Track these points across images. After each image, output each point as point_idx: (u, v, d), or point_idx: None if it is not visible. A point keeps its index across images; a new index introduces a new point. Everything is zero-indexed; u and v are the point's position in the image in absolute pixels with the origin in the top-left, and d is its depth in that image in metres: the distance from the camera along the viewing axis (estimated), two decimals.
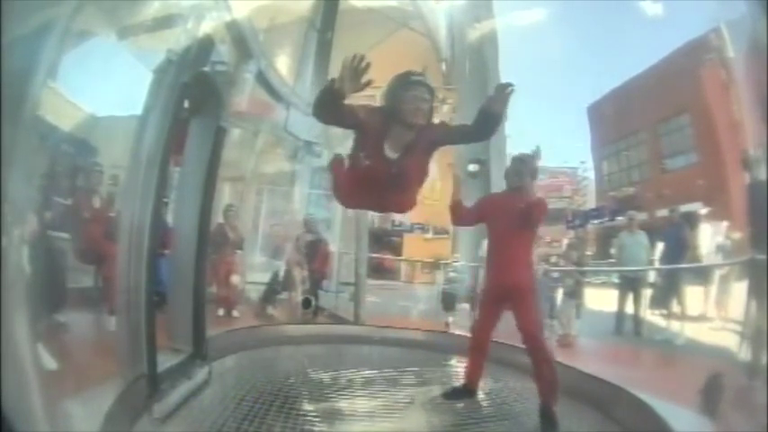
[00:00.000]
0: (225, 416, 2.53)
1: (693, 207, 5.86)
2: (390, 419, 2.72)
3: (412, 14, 7.64)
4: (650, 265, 5.34)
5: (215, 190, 3.42)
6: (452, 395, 3.04)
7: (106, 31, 2.86)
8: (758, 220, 2.89)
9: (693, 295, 5.11)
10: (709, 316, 4.93)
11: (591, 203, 9.10)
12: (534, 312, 2.84)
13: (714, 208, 5.58)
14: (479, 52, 7.04)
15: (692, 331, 4.71)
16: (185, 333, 3.14)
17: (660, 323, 5.06)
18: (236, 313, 5.02)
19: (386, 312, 6.09)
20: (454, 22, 7.73)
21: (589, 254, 6.70)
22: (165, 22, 3.08)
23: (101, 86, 3.04)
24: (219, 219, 5.05)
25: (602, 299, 5.43)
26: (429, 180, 2.28)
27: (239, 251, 5.49)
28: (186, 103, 2.96)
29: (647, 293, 5.24)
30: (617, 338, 5.05)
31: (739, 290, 3.83)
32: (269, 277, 5.66)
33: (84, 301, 3.35)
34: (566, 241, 6.73)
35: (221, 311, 4.91)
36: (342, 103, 1.81)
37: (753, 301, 2.86)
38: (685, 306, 5.04)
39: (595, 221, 8.26)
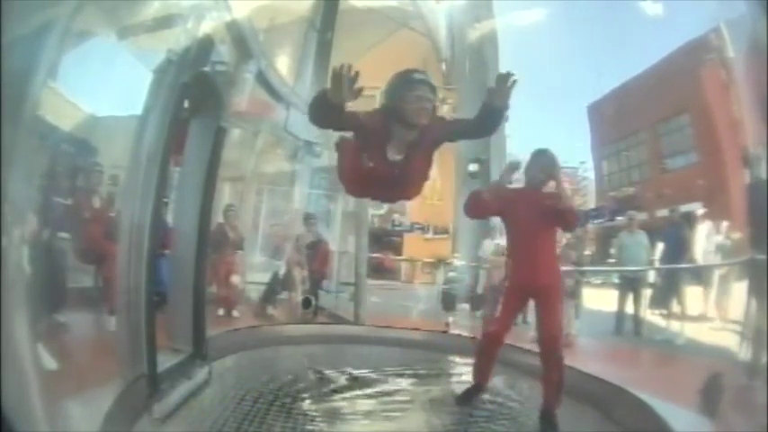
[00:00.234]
0: (225, 416, 2.53)
1: (693, 207, 5.86)
2: (390, 419, 2.72)
3: (412, 14, 7.64)
4: (650, 265, 5.34)
5: (215, 190, 3.42)
6: (465, 397, 2.93)
7: (106, 31, 2.86)
8: (758, 219, 2.89)
9: (693, 295, 5.11)
10: (709, 316, 4.94)
11: (591, 203, 9.11)
12: (558, 314, 2.74)
13: (714, 208, 5.58)
14: (479, 52, 7.04)
15: (692, 331, 4.72)
16: (185, 333, 3.14)
17: (660, 323, 5.06)
18: (236, 313, 5.02)
19: (386, 312, 6.08)
20: (454, 22, 7.73)
21: (589, 254, 6.70)
22: (165, 22, 3.08)
23: (101, 86, 3.04)
24: (219, 219, 5.06)
25: (601, 299, 5.44)
26: (429, 180, 2.24)
27: (239, 251, 5.49)
28: (186, 103, 2.95)
29: (646, 293, 5.25)
30: (617, 338, 5.05)
31: (739, 290, 3.83)
32: (269, 277, 5.66)
33: (84, 301, 3.35)
34: (564, 241, 6.73)
35: (221, 311, 4.92)
36: (340, 112, 1.78)
37: (753, 301, 2.86)
38: (685, 306, 5.04)
39: (595, 221, 8.26)
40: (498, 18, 7.16)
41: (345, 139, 2.34)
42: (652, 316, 5.17)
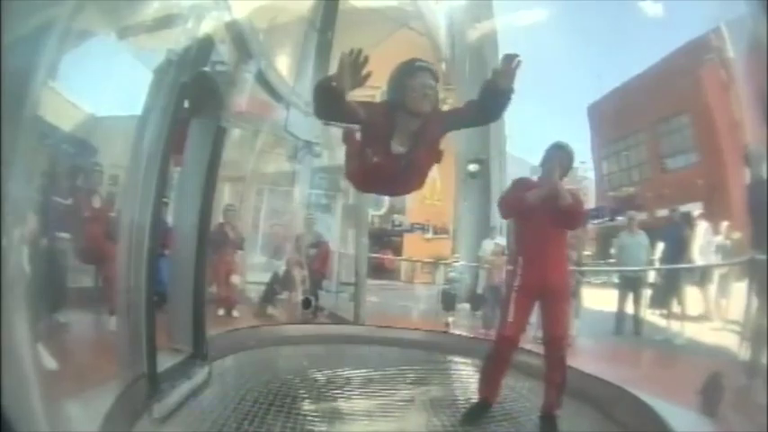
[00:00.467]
0: (225, 416, 2.53)
1: (693, 207, 5.86)
2: (390, 419, 2.72)
3: (412, 14, 7.63)
4: (650, 265, 5.35)
5: (215, 190, 3.42)
6: (472, 417, 2.72)
7: (106, 31, 2.86)
8: (759, 219, 2.89)
9: (693, 295, 5.12)
10: (709, 316, 4.94)
11: (591, 203, 9.10)
12: (565, 315, 2.68)
13: (714, 208, 5.58)
14: (479, 52, 7.04)
15: (691, 331, 4.72)
16: (185, 333, 3.14)
17: (660, 323, 5.06)
18: (236, 313, 5.02)
19: (386, 312, 6.09)
20: (454, 22, 7.73)
21: (589, 254, 6.70)
22: (165, 22, 3.08)
23: (101, 86, 3.04)
24: (219, 219, 5.06)
25: (601, 299, 5.44)
26: (429, 180, 2.22)
27: (239, 251, 5.49)
28: (186, 103, 2.95)
29: (646, 293, 5.25)
30: (617, 338, 5.05)
31: (739, 290, 3.83)
32: (269, 277, 5.66)
33: (84, 301, 3.36)
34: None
35: (221, 311, 4.92)
36: (342, 101, 1.75)
37: (753, 300, 2.86)
38: (685, 306, 5.04)
39: (595, 221, 8.26)
40: (498, 18, 7.16)
41: (352, 130, 2.30)
42: (652, 316, 5.18)
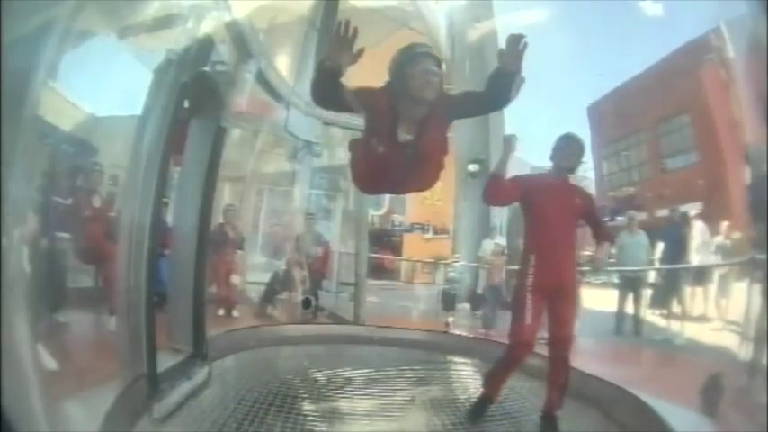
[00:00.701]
0: (225, 416, 2.53)
1: (693, 207, 5.86)
2: (390, 419, 2.72)
3: (412, 14, 7.63)
4: (650, 265, 5.34)
5: (215, 190, 3.42)
6: (477, 412, 2.70)
7: (106, 31, 2.86)
8: (759, 219, 2.89)
9: (693, 295, 5.12)
10: (709, 316, 4.94)
11: None
12: (573, 315, 2.60)
13: (714, 208, 5.58)
14: (479, 52, 7.03)
15: (692, 331, 4.72)
16: (185, 333, 3.14)
17: (660, 323, 5.06)
18: (236, 313, 5.02)
19: (386, 312, 6.09)
20: (454, 22, 7.73)
21: (589, 254, 6.69)
22: (165, 22, 3.08)
23: (101, 86, 3.04)
24: (219, 219, 5.06)
25: (601, 299, 5.44)
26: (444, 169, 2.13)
27: (239, 251, 5.49)
28: (186, 103, 2.95)
29: (646, 293, 5.25)
30: (617, 338, 5.05)
31: (739, 290, 3.83)
32: (269, 277, 5.66)
33: (84, 301, 3.36)
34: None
35: (221, 311, 4.92)
36: (340, 83, 1.71)
37: (753, 300, 2.86)
38: (685, 306, 5.05)
39: None
40: (498, 18, 7.16)
41: (357, 140, 2.26)
42: (652, 316, 5.18)
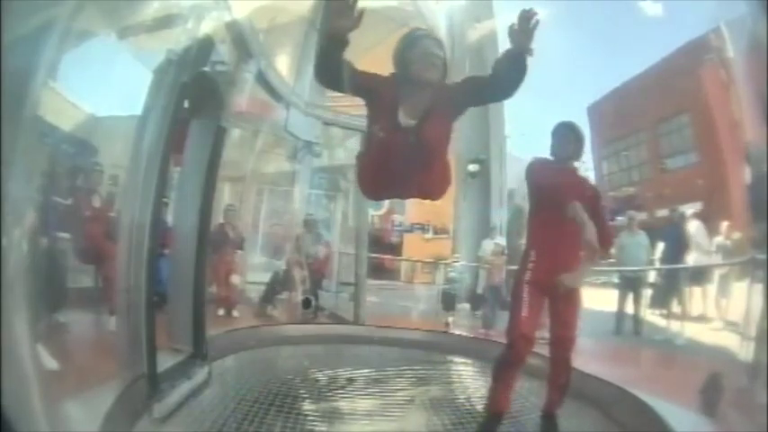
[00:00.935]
0: (225, 416, 2.53)
1: (694, 207, 5.86)
2: (390, 419, 2.72)
3: (412, 14, 7.62)
4: (650, 265, 5.34)
5: (215, 190, 3.42)
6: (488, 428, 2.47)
7: (106, 31, 2.87)
8: (759, 219, 2.89)
9: (693, 295, 5.12)
10: (710, 316, 4.94)
11: None
12: (576, 316, 2.45)
13: (714, 208, 5.58)
14: (479, 52, 7.04)
15: (692, 331, 4.72)
16: (185, 333, 3.14)
17: (660, 323, 5.06)
18: (236, 313, 5.02)
19: (386, 312, 6.09)
20: (454, 22, 7.73)
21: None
22: (165, 22, 3.08)
23: (101, 86, 3.04)
24: (219, 219, 5.06)
25: (601, 299, 5.44)
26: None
27: (239, 251, 5.50)
28: (186, 103, 2.95)
29: (646, 293, 5.25)
30: (617, 338, 5.05)
31: (739, 290, 3.84)
32: (269, 277, 5.66)
33: (84, 301, 3.36)
34: None
35: (221, 311, 4.92)
36: (344, 58, 1.69)
37: (753, 300, 2.86)
38: (685, 306, 5.04)
39: None
40: (498, 18, 7.16)
41: (364, 153, 2.21)
42: (652, 316, 5.18)
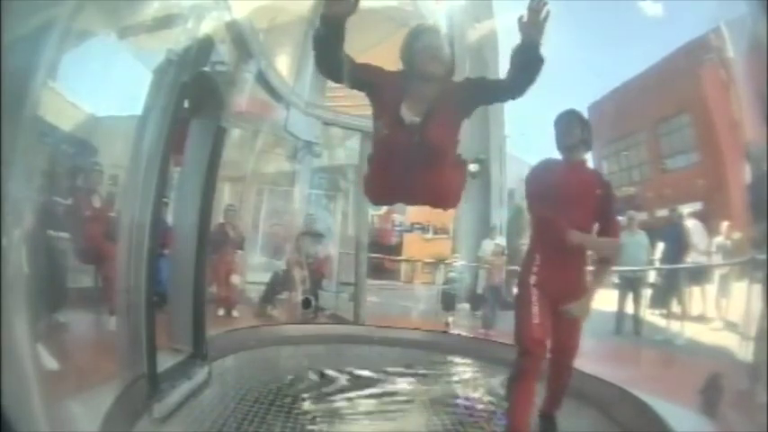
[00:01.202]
0: (225, 416, 2.53)
1: (694, 207, 5.86)
2: (390, 419, 2.72)
3: (412, 14, 7.63)
4: (650, 265, 5.34)
5: (215, 190, 3.41)
6: None
7: (106, 31, 2.87)
8: (759, 219, 2.89)
9: (693, 295, 5.12)
10: (709, 316, 4.94)
11: None
12: (581, 323, 2.30)
13: (714, 208, 5.58)
14: (479, 52, 7.04)
15: (692, 331, 4.72)
16: (185, 333, 3.14)
17: (660, 323, 5.06)
18: (236, 313, 5.02)
19: (386, 312, 6.09)
20: (454, 22, 7.73)
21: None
22: (165, 22, 3.08)
23: (101, 86, 3.04)
24: (219, 219, 5.06)
25: (601, 299, 5.43)
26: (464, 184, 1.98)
27: (239, 251, 5.50)
28: (186, 103, 2.95)
29: (646, 293, 5.25)
30: (617, 338, 5.05)
31: (739, 290, 3.84)
32: (269, 277, 5.66)
33: (84, 301, 3.36)
34: None
35: (221, 311, 4.92)
36: (342, 47, 1.64)
37: (753, 301, 2.86)
38: (685, 306, 5.04)
39: None
40: (498, 18, 7.16)
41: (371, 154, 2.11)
42: (652, 316, 5.17)
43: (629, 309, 5.12)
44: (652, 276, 5.46)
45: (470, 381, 3.51)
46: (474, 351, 4.08)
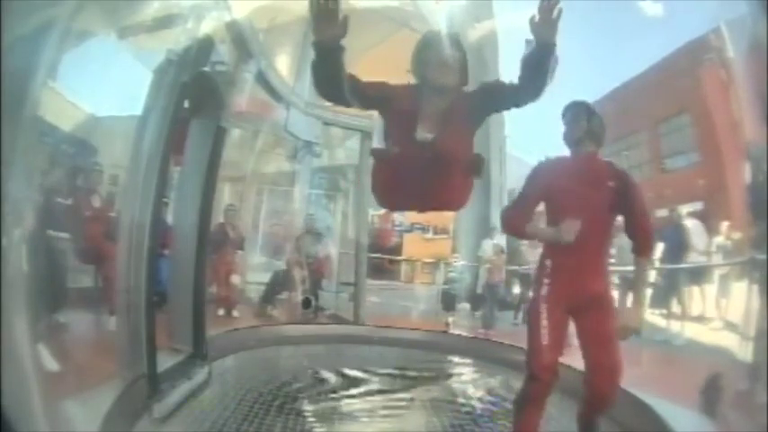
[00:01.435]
0: (225, 416, 2.53)
1: (694, 207, 5.86)
2: (390, 419, 2.72)
3: (412, 14, 7.62)
4: (650, 264, 5.33)
5: (215, 190, 3.42)
6: None
7: (106, 31, 2.86)
8: (759, 219, 2.89)
9: (693, 295, 5.11)
10: (709, 316, 4.94)
11: None
12: (613, 335, 2.01)
13: (714, 208, 5.58)
14: (479, 52, 7.04)
15: (692, 331, 4.71)
16: (185, 333, 3.14)
17: (660, 323, 5.06)
18: (236, 313, 5.02)
19: (386, 312, 6.09)
20: (454, 22, 7.74)
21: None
22: (165, 22, 3.08)
23: (101, 86, 3.04)
24: (219, 219, 5.06)
25: None
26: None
27: (239, 251, 5.49)
28: (186, 103, 2.95)
29: (647, 293, 5.24)
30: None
31: (739, 290, 3.83)
32: (269, 277, 5.66)
33: (84, 301, 3.35)
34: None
35: (221, 311, 4.92)
36: (341, 66, 1.56)
37: (753, 301, 2.86)
38: (685, 306, 5.04)
39: None
40: (498, 18, 7.16)
41: (379, 148, 2.08)
42: (652, 316, 5.17)
43: None
44: (652, 276, 5.45)
45: (470, 381, 3.51)
46: (474, 351, 4.08)
